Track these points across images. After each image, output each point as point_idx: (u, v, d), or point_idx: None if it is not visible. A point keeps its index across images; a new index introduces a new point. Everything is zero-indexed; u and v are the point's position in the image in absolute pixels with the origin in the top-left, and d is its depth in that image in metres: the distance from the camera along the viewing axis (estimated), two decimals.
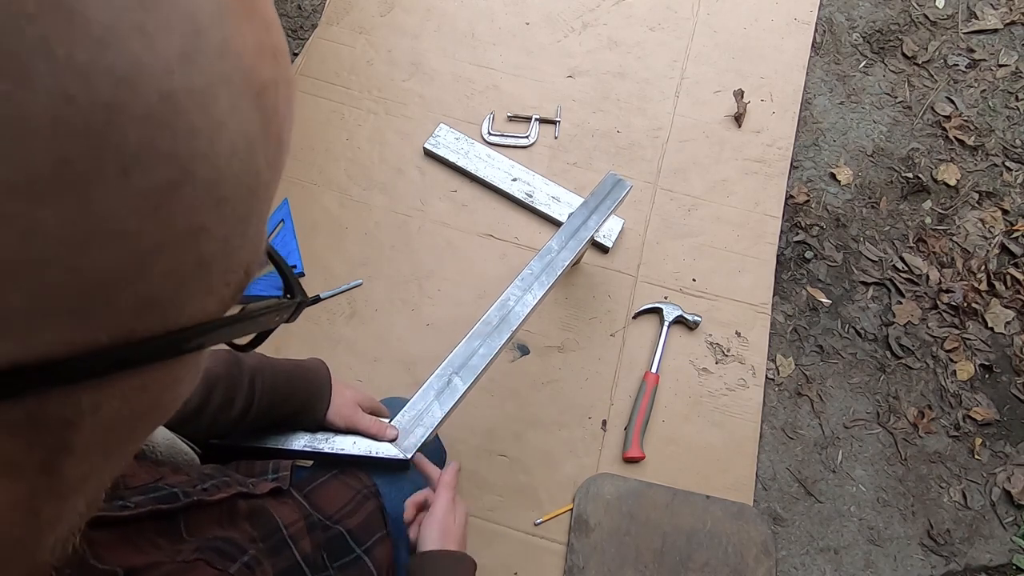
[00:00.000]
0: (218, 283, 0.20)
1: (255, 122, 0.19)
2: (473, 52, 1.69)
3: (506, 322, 0.98)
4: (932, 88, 1.74)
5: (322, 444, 0.81)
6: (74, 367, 0.17)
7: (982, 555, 1.31)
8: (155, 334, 0.18)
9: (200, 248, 0.18)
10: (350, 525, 0.74)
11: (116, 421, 0.20)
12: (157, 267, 0.17)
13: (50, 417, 0.17)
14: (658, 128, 1.63)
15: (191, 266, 0.18)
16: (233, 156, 0.18)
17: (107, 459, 0.21)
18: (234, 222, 0.19)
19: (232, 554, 0.48)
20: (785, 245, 1.55)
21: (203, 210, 0.18)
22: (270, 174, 0.21)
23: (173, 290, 0.18)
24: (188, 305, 0.19)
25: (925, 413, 1.41)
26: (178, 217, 0.17)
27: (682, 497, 1.28)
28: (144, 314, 0.18)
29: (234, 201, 0.19)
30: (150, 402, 0.21)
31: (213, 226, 0.18)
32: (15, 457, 0.17)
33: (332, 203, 1.50)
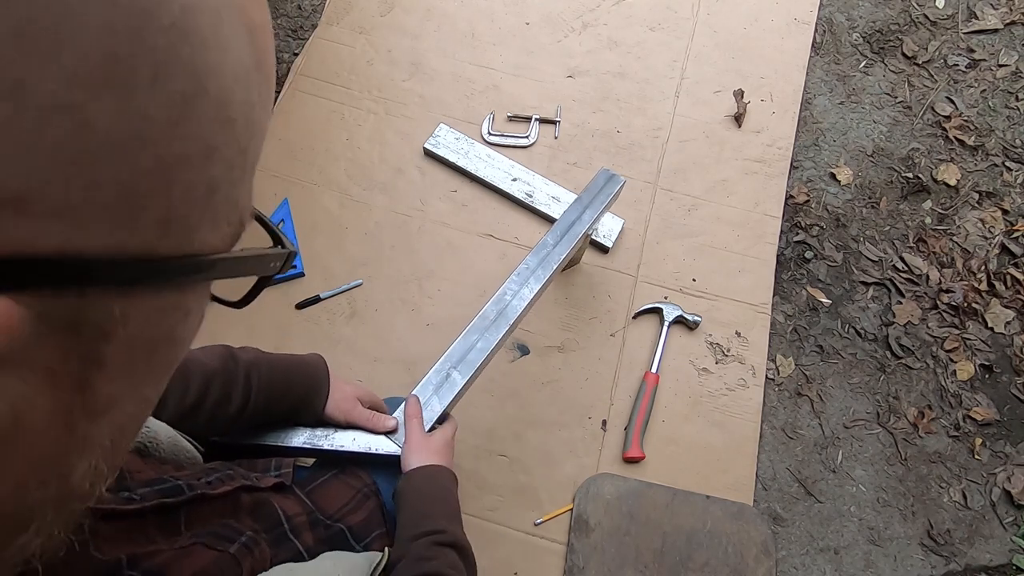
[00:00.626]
0: (221, 216, 0.23)
1: (250, 56, 0.21)
2: (473, 52, 1.69)
3: (503, 316, 0.98)
4: (932, 88, 1.74)
5: (322, 441, 0.81)
6: (111, 268, 0.19)
7: (982, 555, 1.31)
8: (174, 255, 0.21)
9: (211, 169, 0.21)
10: (351, 523, 0.75)
11: (139, 342, 0.21)
12: (179, 180, 0.19)
13: (86, 321, 0.19)
14: (658, 128, 1.63)
15: (203, 189, 0.21)
16: (236, 81, 0.21)
17: (131, 386, 0.23)
18: (237, 150, 0.22)
19: (230, 536, 0.49)
20: (785, 245, 1.55)
21: (215, 130, 0.20)
22: (262, 113, 0.23)
23: (188, 210, 0.20)
24: (198, 232, 0.21)
25: (925, 413, 1.41)
26: (196, 128, 0.19)
27: (682, 497, 1.28)
28: (165, 231, 0.20)
29: (238, 127, 0.21)
30: (166, 331, 0.23)
31: (222, 148, 0.21)
32: (53, 363, 0.19)
33: (332, 203, 1.50)
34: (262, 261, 0.26)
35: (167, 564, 0.42)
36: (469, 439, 1.30)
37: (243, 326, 1.35)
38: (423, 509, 0.73)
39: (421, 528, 0.69)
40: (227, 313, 0.29)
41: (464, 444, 1.29)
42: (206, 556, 0.45)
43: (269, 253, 0.27)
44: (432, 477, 0.77)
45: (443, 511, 0.74)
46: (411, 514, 0.73)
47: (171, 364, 0.25)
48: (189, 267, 0.22)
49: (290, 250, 0.28)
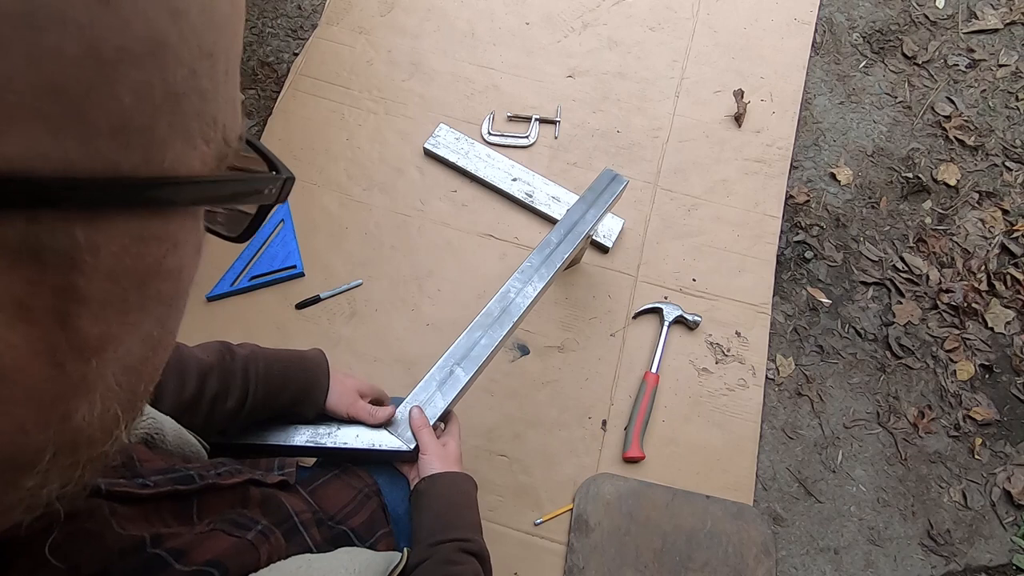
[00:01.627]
0: (195, 131, 0.20)
1: None
2: (473, 52, 1.69)
3: (507, 313, 0.99)
4: (932, 88, 1.74)
5: (324, 439, 0.81)
6: (61, 185, 0.17)
7: (982, 555, 1.31)
8: (140, 175, 0.19)
9: (166, 71, 0.18)
10: (353, 524, 0.75)
11: (120, 273, 0.20)
12: (124, 76, 0.17)
13: (46, 247, 0.17)
14: (658, 128, 1.63)
15: (160, 90, 0.18)
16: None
17: (126, 323, 0.21)
18: (199, 52, 0.19)
19: (246, 524, 0.50)
20: (785, 245, 1.55)
21: (160, 18, 0.18)
22: (228, 8, 0.21)
23: (148, 118, 0.18)
24: (169, 148, 0.19)
25: (925, 413, 1.41)
26: (131, 15, 0.17)
27: (682, 497, 1.28)
28: (124, 143, 0.18)
29: (192, 20, 0.19)
30: (153, 263, 0.21)
31: (174, 43, 0.18)
32: (21, 295, 0.17)
33: (332, 203, 1.50)
34: (254, 185, 0.24)
35: (189, 545, 0.43)
36: (469, 439, 1.30)
37: (242, 326, 1.35)
38: (449, 515, 0.74)
39: (448, 535, 0.70)
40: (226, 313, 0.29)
41: (464, 444, 1.28)
42: (225, 541, 0.46)
43: (263, 176, 0.24)
44: (457, 484, 0.78)
45: (469, 520, 0.75)
46: (435, 519, 0.73)
47: (171, 299, 0.24)
48: (161, 188, 0.20)
49: (286, 175, 0.26)
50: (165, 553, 0.41)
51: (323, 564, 0.51)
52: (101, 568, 0.37)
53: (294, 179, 0.26)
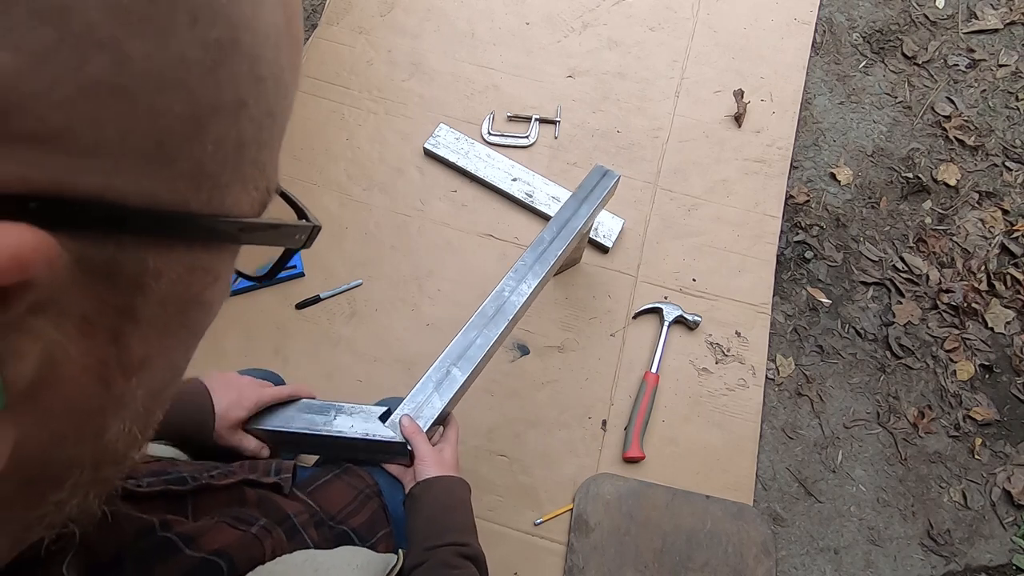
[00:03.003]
0: (250, 178, 0.23)
1: (281, 16, 0.22)
2: (473, 52, 1.69)
3: (502, 312, 0.99)
4: (932, 88, 1.74)
5: (320, 427, 0.82)
6: (148, 217, 0.19)
7: (982, 555, 1.31)
8: (206, 212, 0.21)
9: (241, 125, 0.21)
10: (354, 524, 0.75)
11: (170, 300, 0.21)
12: (211, 131, 0.19)
13: (122, 271, 0.19)
14: (658, 128, 1.63)
15: (233, 142, 0.21)
16: (267, 39, 0.21)
17: (163, 347, 0.23)
18: (266, 111, 0.22)
19: (249, 520, 0.50)
20: (785, 245, 1.55)
21: (246, 83, 0.20)
22: (291, 78, 0.23)
23: (220, 165, 0.21)
24: (230, 191, 0.22)
25: (925, 413, 1.41)
26: (228, 81, 0.19)
27: (682, 497, 1.28)
28: (197, 184, 0.20)
29: (267, 85, 0.21)
30: (196, 292, 0.23)
31: (252, 105, 0.21)
32: (89, 312, 0.19)
33: (332, 203, 1.50)
34: (290, 232, 0.27)
35: (198, 532, 0.44)
36: (469, 439, 1.30)
37: (242, 326, 1.35)
38: (445, 519, 0.74)
39: (444, 538, 0.70)
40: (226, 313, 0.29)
41: (464, 444, 1.28)
42: (231, 533, 0.46)
43: (298, 225, 0.27)
44: (452, 488, 0.78)
45: (464, 523, 0.75)
46: (431, 522, 0.73)
47: (200, 330, 0.25)
48: (220, 227, 0.22)
49: (315, 224, 0.28)
50: (176, 537, 0.41)
51: (327, 558, 0.52)
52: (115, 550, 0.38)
53: (320, 228, 0.29)
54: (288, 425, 0.81)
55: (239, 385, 0.79)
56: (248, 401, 0.78)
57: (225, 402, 0.76)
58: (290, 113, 0.25)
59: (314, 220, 0.29)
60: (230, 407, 0.76)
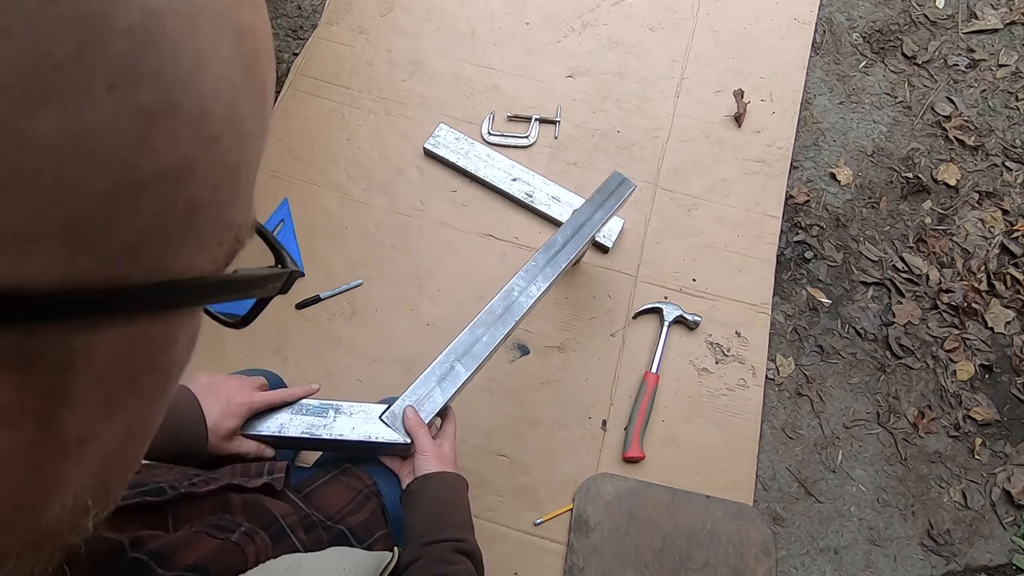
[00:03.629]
0: (210, 238, 0.21)
1: (237, 65, 0.19)
2: (473, 52, 1.69)
3: (510, 312, 0.99)
4: (932, 88, 1.74)
5: (320, 431, 0.82)
6: (64, 302, 0.17)
7: (982, 555, 1.31)
8: (148, 282, 0.19)
9: (191, 190, 0.19)
10: (351, 524, 0.75)
11: (111, 375, 0.20)
12: (148, 202, 0.18)
13: (41, 357, 0.17)
14: (658, 128, 1.63)
15: (182, 209, 0.19)
16: (218, 95, 0.19)
17: (108, 420, 0.21)
18: (223, 169, 0.20)
19: (229, 527, 0.48)
20: (785, 245, 1.55)
21: (192, 146, 0.18)
22: (256, 127, 0.21)
23: (164, 234, 0.19)
24: (180, 256, 0.20)
25: (925, 413, 1.41)
26: (167, 148, 0.17)
27: (682, 497, 1.28)
28: (136, 257, 0.18)
29: (223, 144, 0.19)
30: (146, 361, 0.21)
31: (203, 167, 0.19)
32: (8, 402, 0.17)
33: (332, 203, 1.50)
34: (259, 284, 0.24)
35: (172, 547, 0.42)
36: (469, 439, 1.30)
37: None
38: (442, 515, 0.74)
39: (441, 534, 0.70)
40: None
41: (464, 444, 1.29)
42: (209, 543, 0.45)
43: (268, 274, 0.25)
44: (450, 485, 0.78)
45: (461, 520, 0.75)
46: (429, 518, 0.73)
47: (159, 390, 0.23)
48: (168, 295, 0.20)
49: (291, 270, 0.26)
50: (146, 557, 0.39)
51: (313, 563, 0.50)
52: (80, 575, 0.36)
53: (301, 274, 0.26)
54: (285, 431, 0.81)
55: (227, 391, 0.77)
56: (239, 408, 0.76)
57: (215, 413, 0.73)
58: (260, 158, 0.23)
59: (291, 266, 0.27)
60: (221, 417, 0.74)
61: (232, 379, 0.80)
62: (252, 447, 0.78)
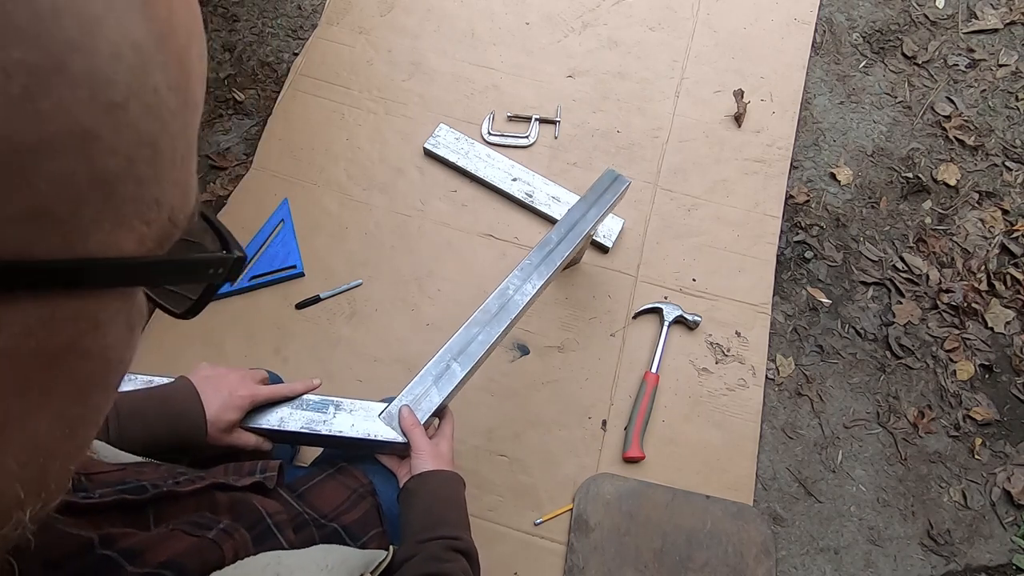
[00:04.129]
0: (131, 214, 0.20)
1: (143, 32, 0.19)
2: (473, 52, 1.69)
3: (505, 311, 0.99)
4: (932, 88, 1.74)
5: (319, 426, 0.82)
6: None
7: (982, 555, 1.31)
8: (55, 258, 0.18)
9: (94, 160, 0.18)
10: (346, 522, 0.75)
11: (21, 355, 0.19)
12: (42, 168, 0.17)
13: None
14: (658, 128, 1.63)
15: (86, 180, 0.18)
16: (118, 60, 0.18)
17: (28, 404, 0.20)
18: (136, 141, 0.19)
19: (208, 524, 0.48)
20: (785, 245, 1.55)
21: (88, 113, 0.17)
22: (175, 99, 0.20)
23: (71, 205, 0.18)
24: (95, 231, 0.19)
25: (925, 413, 1.41)
26: (56, 112, 0.17)
27: (682, 497, 1.28)
28: (40, 228, 0.17)
29: (130, 113, 0.19)
30: (65, 343, 0.20)
31: (107, 135, 0.18)
32: None
33: (332, 203, 1.50)
34: (198, 267, 0.23)
35: (145, 545, 0.41)
36: (469, 439, 1.30)
37: (242, 327, 1.35)
38: (438, 513, 0.74)
39: (437, 532, 0.70)
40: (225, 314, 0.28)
41: (464, 444, 1.29)
42: (185, 541, 0.44)
43: (208, 258, 0.24)
44: (447, 483, 0.78)
45: (457, 518, 0.75)
46: (424, 516, 0.73)
47: (94, 377, 0.22)
48: (77, 272, 0.19)
49: (236, 255, 0.25)
50: (116, 555, 0.39)
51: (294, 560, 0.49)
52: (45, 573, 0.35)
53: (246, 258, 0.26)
54: (285, 425, 0.81)
55: (229, 384, 0.76)
56: (241, 400, 0.76)
57: (216, 405, 0.73)
58: (194, 138, 0.22)
59: (236, 250, 0.25)
60: (221, 410, 0.73)
61: (234, 371, 0.79)
62: (251, 440, 0.78)
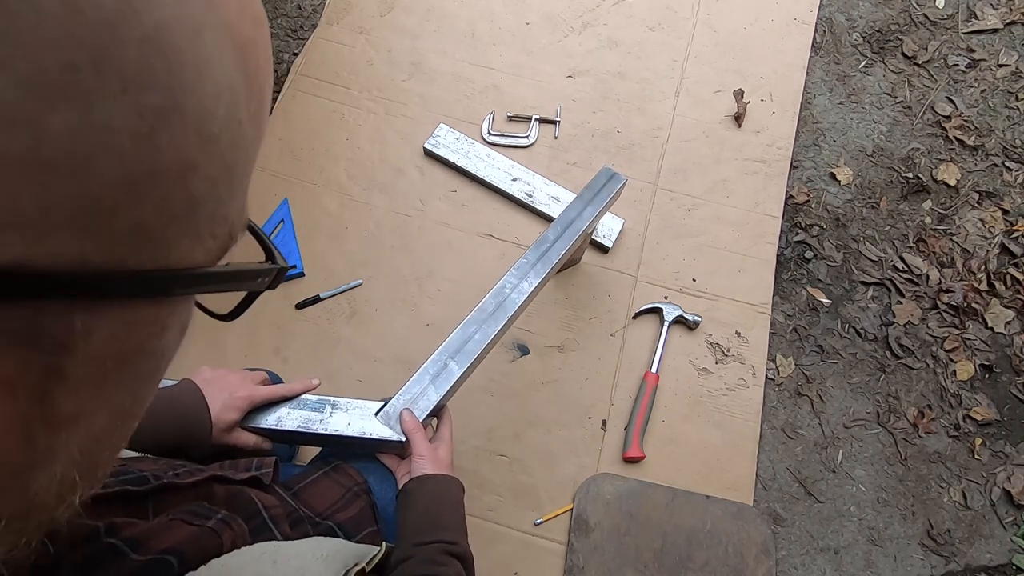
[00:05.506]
0: (205, 231, 0.22)
1: (237, 72, 0.21)
2: (473, 52, 1.69)
3: (502, 309, 0.99)
4: (932, 88, 1.74)
5: (316, 425, 0.83)
6: (72, 281, 0.18)
7: (982, 555, 1.31)
8: (146, 269, 0.20)
9: (190, 185, 0.20)
10: (340, 519, 0.75)
11: (105, 355, 0.21)
12: (151, 194, 0.19)
13: (45, 333, 0.18)
14: (658, 128, 1.63)
15: (182, 202, 0.20)
16: (218, 99, 0.20)
17: (100, 398, 0.22)
18: (221, 167, 0.21)
19: (206, 514, 0.49)
20: (785, 245, 1.55)
21: (193, 145, 0.20)
22: (252, 131, 0.23)
23: (164, 224, 0.20)
24: (177, 246, 0.21)
25: (925, 413, 1.41)
26: (171, 145, 0.19)
27: (682, 497, 1.28)
28: (137, 244, 0.19)
29: (221, 144, 0.21)
30: (136, 345, 0.22)
31: (203, 164, 0.20)
32: (10, 374, 0.18)
33: (332, 203, 1.50)
34: (249, 277, 0.26)
35: (147, 534, 0.42)
36: (469, 439, 1.30)
37: (243, 327, 1.35)
38: (436, 517, 0.74)
39: (434, 536, 0.70)
40: None
41: (464, 444, 1.29)
42: (185, 530, 0.45)
43: (258, 269, 0.26)
44: (447, 487, 0.78)
45: (455, 522, 0.75)
46: (422, 519, 0.73)
47: (148, 375, 0.24)
48: (163, 282, 0.21)
49: (280, 266, 0.27)
50: (120, 543, 0.40)
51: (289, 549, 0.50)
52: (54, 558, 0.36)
53: (287, 269, 0.28)
54: (282, 424, 0.82)
55: (229, 385, 0.78)
56: (240, 401, 0.77)
57: (217, 405, 0.75)
58: (255, 157, 0.24)
59: (280, 262, 0.28)
60: (222, 410, 0.75)
61: (234, 373, 0.81)
62: (251, 439, 0.79)
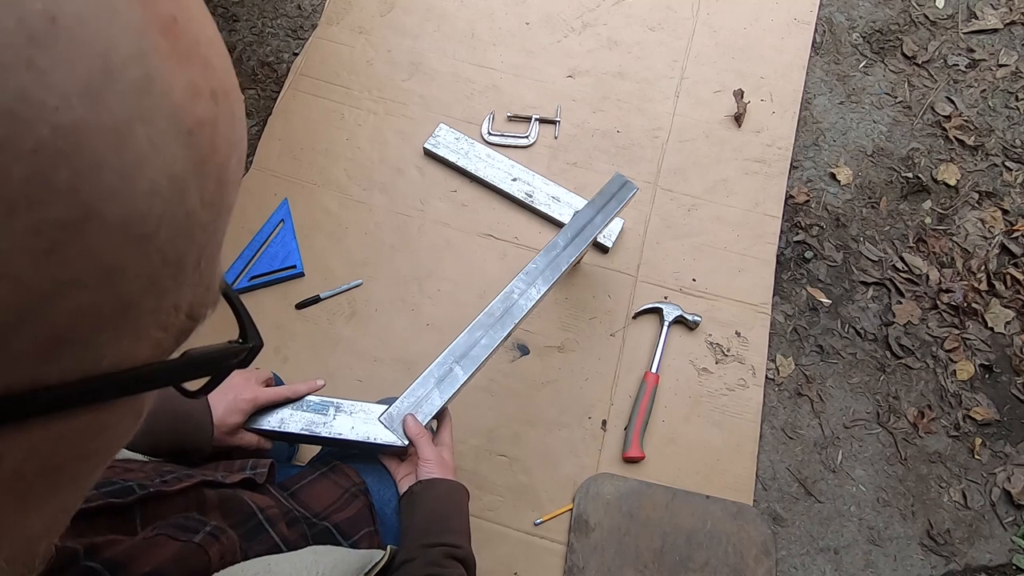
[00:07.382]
0: (149, 326, 0.20)
1: (184, 160, 0.18)
2: (473, 52, 1.69)
3: (509, 315, 0.99)
4: (932, 88, 1.74)
5: (320, 428, 0.83)
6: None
7: (982, 555, 1.31)
8: (67, 380, 0.18)
9: (118, 288, 0.18)
10: (337, 520, 0.76)
11: (24, 471, 0.19)
12: (60, 308, 0.17)
13: None
14: (658, 128, 1.63)
15: (110, 307, 0.18)
16: (154, 195, 0.18)
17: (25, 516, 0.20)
18: (161, 263, 0.19)
19: (194, 527, 0.47)
20: (785, 245, 1.55)
21: (117, 249, 0.17)
22: (208, 214, 0.20)
23: (88, 332, 0.18)
24: (112, 347, 0.19)
25: (925, 413, 1.41)
26: (82, 257, 0.16)
27: (682, 497, 1.28)
28: (52, 357, 0.17)
29: (160, 241, 0.18)
30: (67, 453, 0.20)
31: (133, 266, 0.18)
32: None
33: (332, 203, 1.50)
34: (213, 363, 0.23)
35: (129, 555, 0.41)
36: (469, 439, 1.30)
37: None
38: (442, 520, 0.74)
39: (440, 538, 0.71)
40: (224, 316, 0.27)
41: (464, 444, 1.29)
42: (170, 547, 0.44)
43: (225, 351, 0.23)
44: (453, 492, 0.79)
45: (459, 527, 0.76)
46: (427, 522, 0.74)
47: (91, 471, 0.22)
48: (93, 391, 0.19)
49: (252, 345, 0.24)
50: (100, 566, 0.38)
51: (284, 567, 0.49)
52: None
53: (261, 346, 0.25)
54: (285, 426, 0.82)
55: (234, 387, 0.78)
56: (245, 404, 0.78)
57: (221, 408, 0.75)
58: (221, 236, 0.22)
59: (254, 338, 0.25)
60: (226, 413, 0.75)
61: (239, 373, 0.80)
62: (252, 440, 0.79)
